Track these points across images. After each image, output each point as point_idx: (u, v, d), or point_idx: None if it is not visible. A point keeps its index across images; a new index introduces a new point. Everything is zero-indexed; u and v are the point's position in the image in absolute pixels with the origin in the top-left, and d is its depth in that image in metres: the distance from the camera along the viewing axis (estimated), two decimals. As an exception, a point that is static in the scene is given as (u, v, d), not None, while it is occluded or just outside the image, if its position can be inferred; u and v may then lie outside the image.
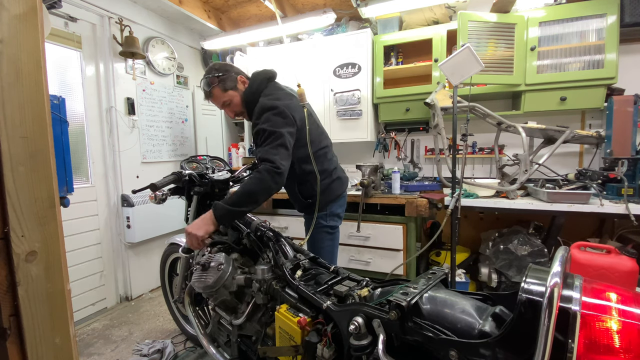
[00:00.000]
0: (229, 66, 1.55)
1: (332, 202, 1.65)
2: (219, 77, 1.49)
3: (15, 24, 0.52)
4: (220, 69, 1.52)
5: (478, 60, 1.69)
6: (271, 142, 1.34)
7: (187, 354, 1.94)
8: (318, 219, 1.59)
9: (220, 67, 1.52)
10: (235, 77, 1.52)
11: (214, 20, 3.06)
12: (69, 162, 1.70)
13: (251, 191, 1.28)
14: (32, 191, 0.53)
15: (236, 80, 1.52)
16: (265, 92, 1.51)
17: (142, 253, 2.79)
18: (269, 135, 1.36)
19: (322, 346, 0.91)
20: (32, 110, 0.54)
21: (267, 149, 1.33)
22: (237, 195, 1.28)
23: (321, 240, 1.67)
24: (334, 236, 1.71)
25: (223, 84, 1.50)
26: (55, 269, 0.57)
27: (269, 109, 1.40)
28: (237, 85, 1.52)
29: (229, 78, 1.50)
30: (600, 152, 2.21)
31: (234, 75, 1.52)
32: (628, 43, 2.22)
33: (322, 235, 1.66)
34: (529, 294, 0.63)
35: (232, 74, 1.51)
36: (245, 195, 1.27)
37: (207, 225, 1.29)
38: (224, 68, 1.52)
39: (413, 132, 2.85)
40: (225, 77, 1.50)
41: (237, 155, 3.31)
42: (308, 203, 1.59)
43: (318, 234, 1.65)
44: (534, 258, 2.03)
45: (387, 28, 2.63)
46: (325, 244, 1.68)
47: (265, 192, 1.30)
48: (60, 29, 2.23)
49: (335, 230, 1.71)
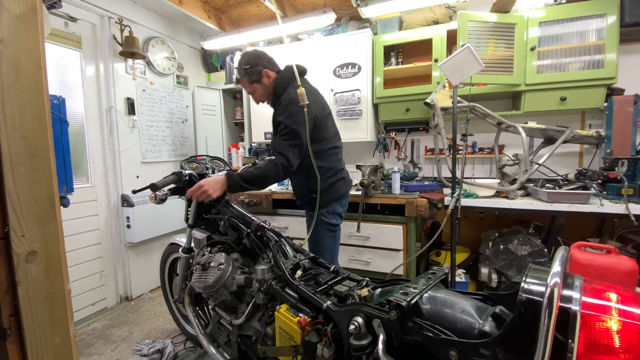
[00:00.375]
0: (257, 59, 1.64)
1: (335, 200, 1.70)
2: (246, 69, 1.63)
3: (15, 24, 0.52)
4: (249, 61, 1.63)
5: (478, 60, 1.69)
6: (290, 140, 1.50)
7: (187, 354, 1.94)
8: (320, 215, 1.64)
9: (249, 60, 1.63)
10: (261, 70, 1.62)
11: (214, 20, 3.06)
12: (69, 162, 1.70)
13: (263, 177, 1.47)
14: (32, 191, 0.53)
15: (261, 74, 1.63)
16: (293, 84, 1.59)
17: (142, 253, 2.79)
18: (290, 133, 1.50)
19: (322, 346, 0.91)
20: (32, 110, 0.54)
21: (286, 145, 1.49)
22: (252, 176, 1.45)
23: (322, 237, 1.69)
24: (335, 234, 1.74)
25: (249, 76, 1.64)
26: (55, 269, 0.57)
27: (293, 102, 1.51)
28: (261, 79, 1.64)
29: (255, 72, 1.62)
30: (600, 152, 2.21)
31: (260, 69, 1.62)
32: (628, 43, 2.22)
33: (323, 232, 1.69)
34: (529, 293, 0.63)
35: (258, 67, 1.62)
36: (258, 178, 1.46)
37: (219, 189, 1.43)
38: (253, 61, 1.63)
39: (413, 132, 2.85)
40: (251, 71, 1.62)
41: (237, 155, 3.31)
42: (312, 198, 1.63)
43: (319, 230, 1.68)
44: (534, 258, 2.03)
45: (387, 28, 2.63)
46: (327, 241, 1.70)
47: (273, 181, 1.52)
48: (60, 29, 2.23)
49: (337, 228, 1.74)
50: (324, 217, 1.69)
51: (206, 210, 1.65)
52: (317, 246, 1.69)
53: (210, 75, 3.50)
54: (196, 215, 1.64)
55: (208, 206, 1.66)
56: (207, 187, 1.40)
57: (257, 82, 1.65)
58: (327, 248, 1.71)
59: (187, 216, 1.67)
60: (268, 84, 1.65)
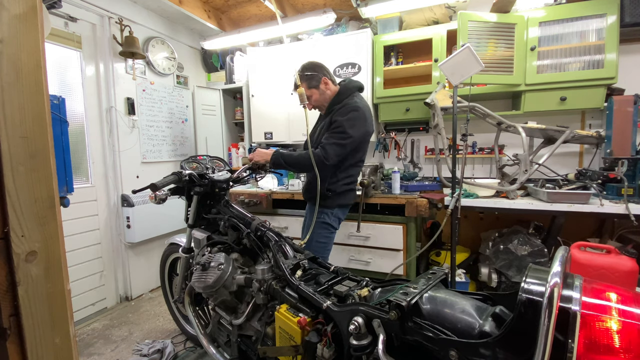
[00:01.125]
0: (318, 68, 1.80)
1: (342, 206, 1.83)
2: (307, 75, 1.77)
3: (15, 24, 0.52)
4: (310, 68, 1.79)
5: (478, 60, 1.69)
6: (338, 139, 1.65)
7: (187, 354, 1.94)
8: (322, 214, 1.77)
9: (310, 67, 1.79)
10: (320, 77, 1.78)
11: (214, 20, 3.06)
12: (69, 162, 1.70)
13: (299, 162, 1.67)
14: (32, 191, 0.53)
15: (320, 80, 1.78)
16: (354, 95, 1.78)
17: (142, 253, 2.79)
18: (341, 133, 1.65)
19: (322, 346, 0.91)
20: (32, 110, 0.54)
21: (332, 141, 1.65)
22: (290, 157, 1.69)
23: (319, 234, 1.77)
24: (331, 236, 1.83)
25: (309, 81, 1.77)
26: (55, 269, 0.57)
27: (356, 109, 1.69)
28: (319, 85, 1.78)
29: (315, 78, 1.77)
30: (600, 152, 2.21)
31: (320, 75, 1.78)
32: (628, 43, 2.22)
33: (321, 230, 1.78)
34: (529, 294, 0.63)
35: (319, 74, 1.78)
36: (295, 160, 1.68)
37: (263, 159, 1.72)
38: (313, 69, 1.79)
39: (413, 132, 2.85)
40: (312, 76, 1.77)
41: (237, 155, 3.31)
42: (326, 195, 1.76)
43: (318, 228, 1.77)
44: (534, 258, 2.03)
45: (387, 28, 2.63)
46: (322, 240, 1.79)
47: (308, 169, 1.67)
48: (60, 29, 2.23)
49: (334, 231, 1.83)
50: (327, 217, 1.78)
51: (206, 210, 1.65)
52: (311, 243, 1.76)
53: (210, 75, 3.50)
54: (196, 215, 1.64)
55: (208, 206, 1.66)
56: (256, 155, 1.73)
57: (316, 87, 1.78)
58: (323, 247, 1.79)
59: (187, 216, 1.67)
60: (325, 90, 1.78)
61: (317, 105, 1.85)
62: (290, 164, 1.69)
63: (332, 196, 1.77)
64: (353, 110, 1.68)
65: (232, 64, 3.25)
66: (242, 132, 3.44)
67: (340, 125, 1.65)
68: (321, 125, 1.82)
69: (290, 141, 2.91)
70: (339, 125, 1.66)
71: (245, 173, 1.75)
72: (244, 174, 1.74)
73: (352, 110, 1.68)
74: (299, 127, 2.83)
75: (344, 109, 1.69)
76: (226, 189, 1.65)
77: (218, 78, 3.44)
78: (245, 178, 1.75)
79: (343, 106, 1.71)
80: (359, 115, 1.68)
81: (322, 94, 1.80)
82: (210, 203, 1.65)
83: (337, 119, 1.68)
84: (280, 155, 1.69)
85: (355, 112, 1.68)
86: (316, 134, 1.85)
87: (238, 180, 1.70)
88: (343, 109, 1.70)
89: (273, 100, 2.91)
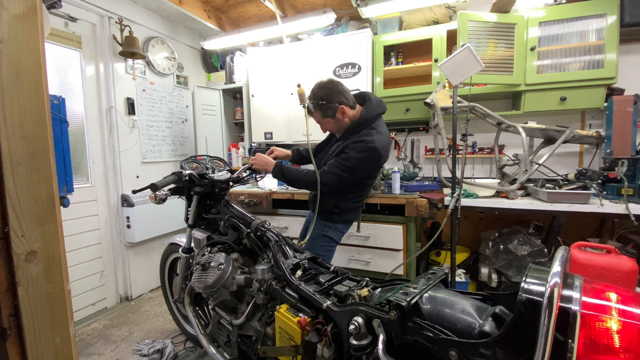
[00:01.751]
0: (334, 94, 1.59)
1: (344, 222, 1.77)
2: (321, 104, 1.60)
3: (15, 24, 0.52)
4: (325, 97, 1.59)
5: (478, 60, 1.69)
6: (344, 172, 1.56)
7: (187, 354, 1.94)
8: (325, 227, 1.72)
9: (325, 95, 1.59)
10: (337, 107, 1.59)
11: (214, 20, 3.06)
12: (69, 162, 1.70)
13: (301, 181, 1.63)
14: (32, 191, 0.53)
15: (336, 110, 1.60)
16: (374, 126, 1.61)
17: (142, 253, 2.79)
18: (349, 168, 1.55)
19: (322, 346, 0.91)
20: (32, 110, 0.54)
21: (337, 172, 1.56)
22: (293, 175, 1.64)
23: (320, 247, 1.72)
24: (332, 249, 1.78)
25: (324, 111, 1.62)
26: (55, 269, 0.57)
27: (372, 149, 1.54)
28: (335, 114, 1.61)
29: (330, 108, 1.59)
30: (600, 152, 2.21)
31: (335, 105, 1.59)
32: (628, 43, 2.22)
33: (323, 243, 1.73)
34: (529, 293, 0.63)
35: (334, 103, 1.59)
36: (297, 180, 1.64)
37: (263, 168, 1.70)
38: (329, 97, 1.58)
39: (413, 132, 2.85)
40: (327, 106, 1.60)
41: (237, 155, 3.31)
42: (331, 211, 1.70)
43: (319, 240, 1.72)
44: (534, 258, 2.03)
45: (387, 28, 2.63)
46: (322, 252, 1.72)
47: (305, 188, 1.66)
48: (60, 29, 2.23)
49: (334, 245, 1.78)
50: (329, 231, 1.72)
51: (206, 210, 1.65)
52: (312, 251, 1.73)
53: (210, 75, 3.50)
54: (196, 215, 1.64)
55: (208, 206, 1.66)
56: (256, 161, 1.70)
57: (332, 117, 1.62)
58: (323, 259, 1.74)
59: (187, 216, 1.67)
60: (342, 119, 1.62)
61: (331, 131, 1.75)
62: (291, 180, 1.65)
63: (339, 213, 1.70)
64: (369, 150, 1.53)
65: (232, 64, 3.25)
66: (242, 132, 3.44)
67: (349, 159, 1.54)
68: (332, 149, 1.68)
69: (290, 141, 2.91)
70: (348, 159, 1.54)
71: (245, 173, 1.75)
72: (244, 174, 1.74)
73: (368, 150, 1.53)
74: (299, 127, 2.83)
75: (360, 146, 1.54)
76: (226, 189, 1.65)
77: (218, 78, 3.44)
78: (245, 178, 1.75)
79: (361, 141, 1.54)
80: (372, 156, 1.55)
81: (338, 123, 1.64)
82: (210, 203, 1.65)
83: (349, 152, 1.55)
84: (281, 170, 1.65)
85: (371, 153, 1.53)
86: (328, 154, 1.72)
87: (238, 180, 1.70)
88: (359, 144, 1.54)
89: (273, 100, 2.91)
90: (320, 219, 1.71)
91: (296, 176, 1.63)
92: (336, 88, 1.60)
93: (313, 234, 1.70)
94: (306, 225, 1.96)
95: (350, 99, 1.63)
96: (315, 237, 1.71)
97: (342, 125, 1.65)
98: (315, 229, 1.71)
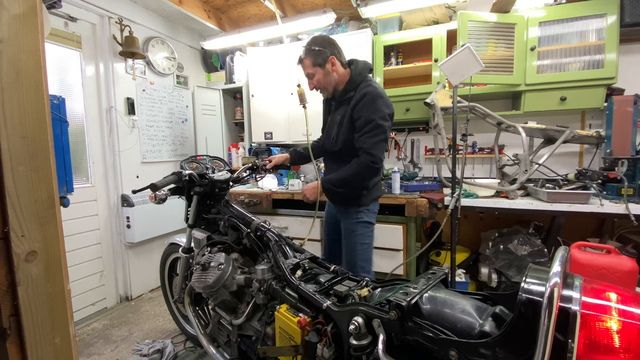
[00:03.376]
0: (328, 44, 1.57)
1: (374, 200, 1.66)
2: (314, 50, 1.56)
3: (15, 24, 0.52)
4: (319, 43, 1.57)
5: (478, 60, 1.69)
6: (376, 135, 1.47)
7: (187, 354, 1.94)
8: (359, 213, 1.61)
9: (320, 42, 1.57)
10: (328, 56, 1.55)
11: (214, 20, 3.06)
12: (69, 162, 1.70)
13: (348, 180, 1.52)
14: (32, 191, 0.53)
15: (327, 59, 1.56)
16: (368, 79, 1.58)
17: (142, 253, 2.79)
18: (376, 127, 1.46)
19: (322, 346, 0.91)
20: (32, 110, 0.54)
21: (372, 142, 1.46)
22: (339, 180, 1.54)
23: (362, 236, 1.61)
24: (372, 234, 1.67)
25: (315, 57, 1.57)
26: (55, 269, 0.57)
27: (381, 97, 1.50)
28: (325, 64, 1.56)
29: (322, 55, 1.55)
30: (600, 152, 2.21)
31: (327, 53, 1.55)
32: (628, 43, 2.22)
33: (363, 230, 1.62)
34: (529, 293, 0.63)
35: (326, 52, 1.55)
36: (343, 182, 1.53)
37: (315, 193, 1.63)
38: (323, 44, 1.57)
39: (413, 132, 2.85)
40: (318, 52, 1.56)
41: (237, 155, 3.31)
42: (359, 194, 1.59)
43: (359, 229, 1.61)
44: (534, 258, 2.03)
45: (387, 28, 2.63)
46: (366, 241, 1.63)
47: (360, 182, 1.55)
48: (60, 29, 2.23)
49: (373, 229, 1.67)
50: (364, 215, 1.61)
51: (206, 210, 1.65)
52: (354, 249, 1.62)
53: (210, 75, 3.50)
54: (196, 215, 1.64)
55: (208, 206, 1.66)
56: (307, 192, 1.64)
57: (321, 66, 1.57)
58: (367, 249, 1.64)
59: (187, 216, 1.67)
60: (330, 71, 1.57)
61: (319, 87, 1.65)
62: (341, 185, 1.55)
63: (366, 193, 1.61)
64: (377, 97, 1.48)
65: (232, 64, 3.25)
66: (242, 132, 3.44)
67: (371, 119, 1.46)
68: (338, 120, 1.60)
69: (290, 141, 2.91)
70: (370, 120, 1.46)
71: (245, 173, 1.75)
72: (244, 174, 1.74)
73: (377, 97, 1.48)
74: (298, 127, 2.83)
75: (368, 100, 1.48)
76: (226, 189, 1.65)
77: (218, 78, 3.44)
78: (245, 178, 1.75)
79: (363, 96, 1.50)
80: (384, 102, 1.50)
81: (326, 75, 1.58)
82: (210, 203, 1.65)
83: (364, 114, 1.48)
84: (328, 183, 1.56)
85: (380, 100, 1.49)
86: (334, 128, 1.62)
87: (238, 180, 1.70)
88: (366, 100, 1.49)
89: (273, 100, 2.91)
90: (349, 206, 1.62)
91: (347, 179, 1.52)
92: (331, 41, 1.60)
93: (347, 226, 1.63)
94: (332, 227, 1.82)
95: (343, 57, 1.62)
96: (351, 229, 1.62)
97: (330, 81, 1.59)
98: (348, 220, 1.63)
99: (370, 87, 1.52)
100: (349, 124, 1.55)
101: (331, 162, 1.75)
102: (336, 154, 1.64)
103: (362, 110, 1.49)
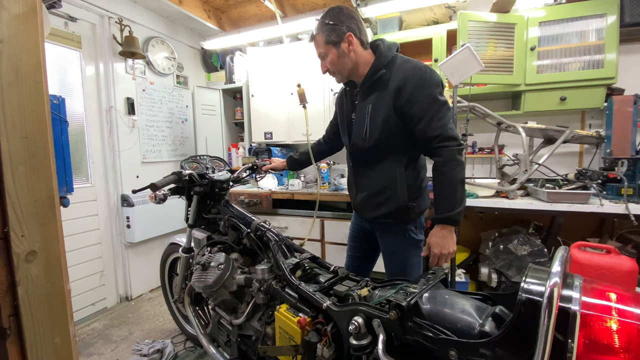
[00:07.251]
0: (345, 17, 1.26)
1: (422, 212, 1.38)
2: (328, 24, 1.27)
3: (15, 24, 0.52)
4: (334, 16, 1.27)
5: (478, 60, 1.69)
6: (446, 115, 1.18)
7: (187, 354, 1.94)
8: (408, 232, 1.34)
9: (336, 15, 1.27)
10: (344, 33, 1.25)
11: (214, 20, 3.06)
12: (69, 162, 1.70)
13: (462, 180, 1.20)
14: (32, 191, 0.53)
15: (343, 36, 1.25)
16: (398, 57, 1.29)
17: (142, 253, 2.79)
18: (442, 105, 1.18)
19: (322, 346, 0.91)
20: (32, 110, 0.54)
21: (444, 123, 1.17)
22: (453, 193, 1.18)
23: (411, 255, 1.36)
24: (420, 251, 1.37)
25: (328, 34, 1.27)
26: (55, 269, 0.57)
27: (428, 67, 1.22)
28: (341, 42, 1.26)
29: (336, 30, 1.25)
30: (600, 152, 2.21)
31: (344, 29, 1.25)
32: (628, 43, 2.22)
33: (413, 249, 1.36)
34: (529, 293, 0.63)
35: (342, 27, 1.25)
36: (460, 187, 1.20)
37: (453, 238, 1.23)
38: (339, 17, 1.26)
39: (413, 132, 2.85)
40: (333, 28, 1.26)
41: (237, 155, 3.31)
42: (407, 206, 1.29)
43: (406, 249, 1.35)
44: (534, 258, 2.03)
45: (387, 28, 2.63)
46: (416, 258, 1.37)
47: (464, 178, 1.22)
48: (60, 29, 2.23)
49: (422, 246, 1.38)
50: (413, 234, 1.34)
51: (206, 210, 1.65)
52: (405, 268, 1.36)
53: (210, 75, 3.50)
54: (196, 215, 1.64)
55: (208, 206, 1.66)
56: (444, 250, 1.21)
57: (335, 44, 1.27)
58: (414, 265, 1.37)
59: (187, 216, 1.67)
60: (346, 51, 1.26)
61: (332, 69, 1.33)
62: (460, 196, 1.20)
63: (417, 203, 1.32)
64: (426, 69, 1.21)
65: (232, 64, 3.25)
66: (242, 132, 3.44)
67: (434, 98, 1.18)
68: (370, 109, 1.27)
69: (290, 141, 2.91)
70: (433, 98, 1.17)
71: (245, 173, 1.75)
72: (244, 174, 1.74)
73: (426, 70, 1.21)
74: (299, 127, 2.82)
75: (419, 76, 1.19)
76: (226, 189, 1.65)
77: (218, 78, 3.44)
78: (245, 178, 1.75)
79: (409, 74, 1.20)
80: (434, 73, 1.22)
81: (341, 56, 1.27)
82: (210, 203, 1.65)
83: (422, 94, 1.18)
84: (457, 214, 1.19)
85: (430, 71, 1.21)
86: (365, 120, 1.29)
87: (238, 180, 1.70)
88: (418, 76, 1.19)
89: (273, 100, 2.91)
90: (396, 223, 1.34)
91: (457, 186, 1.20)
92: (350, 13, 1.28)
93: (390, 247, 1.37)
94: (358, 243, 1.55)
95: (364, 34, 1.30)
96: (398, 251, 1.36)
97: (345, 63, 1.29)
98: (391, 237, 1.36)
99: (410, 62, 1.25)
100: (388, 112, 1.23)
101: (361, 163, 1.37)
102: (369, 152, 1.31)
103: (418, 91, 1.18)
